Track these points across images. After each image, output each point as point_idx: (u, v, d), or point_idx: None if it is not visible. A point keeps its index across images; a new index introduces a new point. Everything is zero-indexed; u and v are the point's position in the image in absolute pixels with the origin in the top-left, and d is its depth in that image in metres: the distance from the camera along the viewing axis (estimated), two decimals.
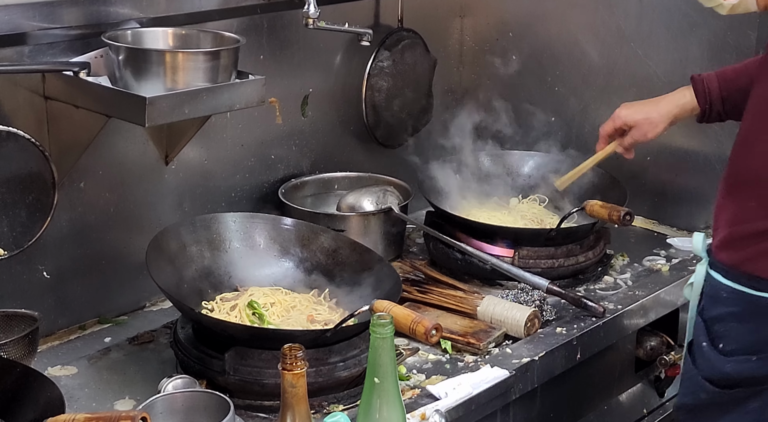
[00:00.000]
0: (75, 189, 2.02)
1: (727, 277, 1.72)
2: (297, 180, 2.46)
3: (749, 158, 1.68)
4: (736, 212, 1.69)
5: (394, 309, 1.66)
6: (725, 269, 1.72)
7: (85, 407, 1.80)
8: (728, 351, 1.70)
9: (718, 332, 1.72)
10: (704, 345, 1.75)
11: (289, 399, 1.41)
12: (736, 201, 1.69)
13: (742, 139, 1.72)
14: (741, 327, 1.68)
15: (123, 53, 1.82)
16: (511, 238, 2.33)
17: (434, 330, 1.64)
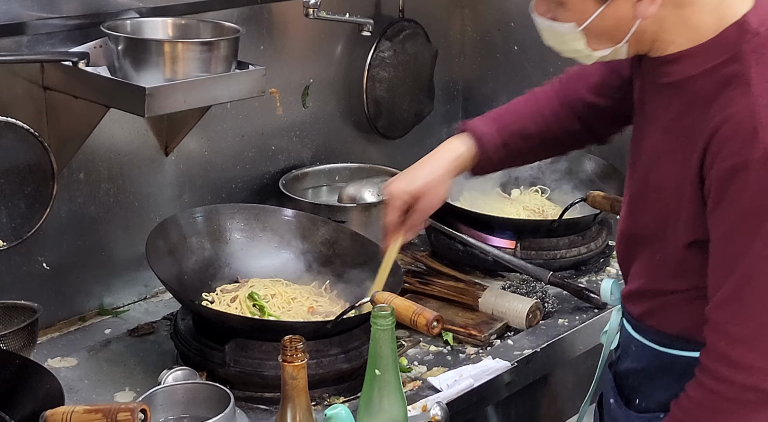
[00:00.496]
0: (74, 180, 2.01)
1: (636, 329, 1.60)
2: (298, 171, 2.45)
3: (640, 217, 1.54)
4: (639, 266, 1.57)
5: (395, 301, 1.66)
6: (633, 320, 1.61)
7: (85, 399, 1.80)
8: (642, 407, 1.58)
9: (632, 387, 1.61)
10: (612, 402, 1.63)
11: (290, 390, 1.40)
12: (638, 256, 1.56)
13: (630, 199, 1.57)
14: (651, 383, 1.56)
15: (122, 43, 1.81)
16: (513, 229, 2.32)
17: (435, 321, 1.63)
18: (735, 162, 1.31)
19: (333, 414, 1.42)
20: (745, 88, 1.33)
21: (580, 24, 1.40)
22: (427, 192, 1.76)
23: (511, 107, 1.80)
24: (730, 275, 1.35)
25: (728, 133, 1.32)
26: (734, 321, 1.35)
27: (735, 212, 1.33)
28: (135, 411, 1.33)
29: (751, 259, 1.32)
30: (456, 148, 1.77)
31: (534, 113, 1.77)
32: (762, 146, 1.29)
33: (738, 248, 1.34)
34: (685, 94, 1.41)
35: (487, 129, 1.76)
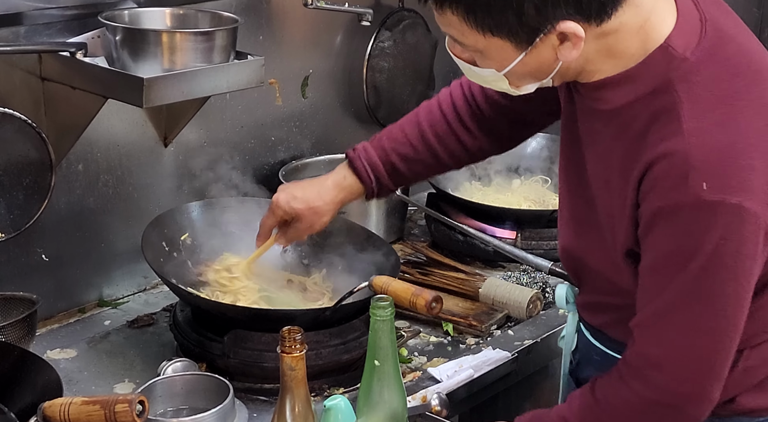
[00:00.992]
0: (73, 171, 2.01)
1: (596, 338, 1.61)
2: (298, 162, 2.44)
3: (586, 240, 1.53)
4: (589, 282, 1.57)
5: (393, 284, 1.65)
6: (592, 329, 1.61)
7: (84, 390, 1.80)
8: None
9: None
10: None
11: (289, 382, 1.39)
12: (587, 274, 1.56)
13: (572, 220, 1.55)
14: None
15: (120, 33, 1.80)
16: (514, 219, 2.32)
17: (434, 301, 1.63)
18: (664, 205, 1.30)
19: (332, 405, 1.42)
20: (677, 125, 1.29)
21: (500, 70, 1.35)
22: (305, 216, 1.80)
23: (398, 129, 1.79)
24: (652, 301, 1.36)
25: (660, 173, 1.30)
26: (651, 345, 1.37)
27: (661, 249, 1.33)
28: (133, 403, 1.32)
29: (673, 292, 1.33)
30: (344, 177, 1.79)
31: (418, 134, 1.75)
32: (692, 191, 1.27)
33: (661, 281, 1.35)
34: (617, 123, 1.37)
35: (371, 158, 1.77)
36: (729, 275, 1.31)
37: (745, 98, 1.30)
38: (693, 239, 1.29)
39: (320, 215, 1.80)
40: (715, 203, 1.27)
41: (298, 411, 1.39)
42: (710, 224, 1.28)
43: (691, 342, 1.35)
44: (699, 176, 1.27)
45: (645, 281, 1.38)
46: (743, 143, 1.28)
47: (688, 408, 1.38)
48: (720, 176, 1.27)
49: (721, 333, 1.34)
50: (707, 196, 1.26)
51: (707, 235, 1.28)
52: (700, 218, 1.28)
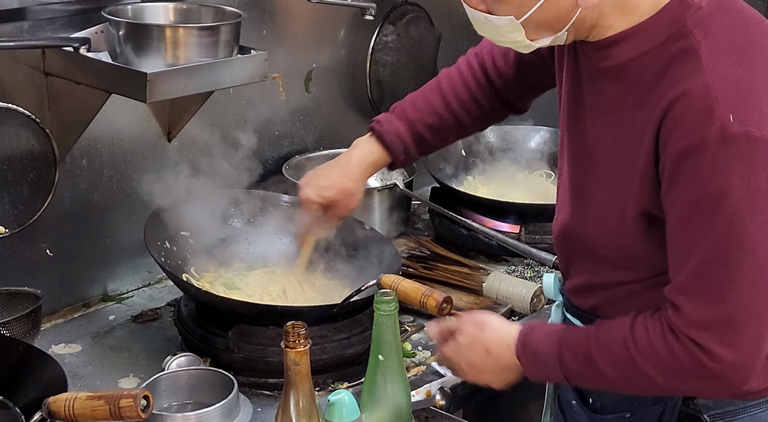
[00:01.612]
0: (77, 166, 2.01)
1: (585, 322, 1.54)
2: (301, 157, 2.44)
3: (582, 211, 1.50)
4: (582, 261, 1.53)
5: (403, 283, 1.65)
6: (582, 313, 1.56)
7: (89, 385, 1.80)
8: (599, 407, 1.54)
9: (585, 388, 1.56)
10: (573, 404, 1.58)
11: (293, 376, 1.39)
12: (580, 252, 1.53)
13: (568, 193, 1.52)
14: None
15: (123, 28, 1.80)
16: (517, 213, 2.31)
17: (445, 302, 1.63)
18: (690, 142, 1.27)
19: (336, 400, 1.42)
20: (696, 63, 1.28)
21: (519, 17, 1.34)
22: (340, 201, 1.78)
23: (421, 99, 1.79)
24: (689, 259, 1.31)
25: (682, 111, 1.27)
26: (694, 307, 1.32)
27: (691, 193, 1.29)
28: (137, 398, 1.33)
29: (711, 243, 1.29)
30: (371, 151, 1.78)
31: (442, 102, 1.76)
32: (718, 124, 1.25)
33: (696, 231, 1.29)
34: (627, 79, 1.36)
35: (398, 129, 1.76)
36: (764, 216, 1.26)
37: (759, 44, 1.32)
38: (722, 177, 1.26)
39: (353, 195, 1.79)
40: (740, 136, 1.24)
41: (303, 406, 1.40)
42: (739, 159, 1.25)
43: (736, 299, 1.29)
44: (725, 108, 1.25)
45: (675, 239, 1.33)
46: (760, 82, 1.28)
47: (734, 377, 1.33)
48: (744, 110, 1.25)
49: (766, 285, 1.29)
50: (734, 128, 1.24)
51: (734, 171, 1.25)
52: (727, 152, 1.25)
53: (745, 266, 1.28)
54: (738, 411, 1.45)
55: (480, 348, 1.52)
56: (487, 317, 1.55)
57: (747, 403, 1.45)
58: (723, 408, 1.45)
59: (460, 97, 1.76)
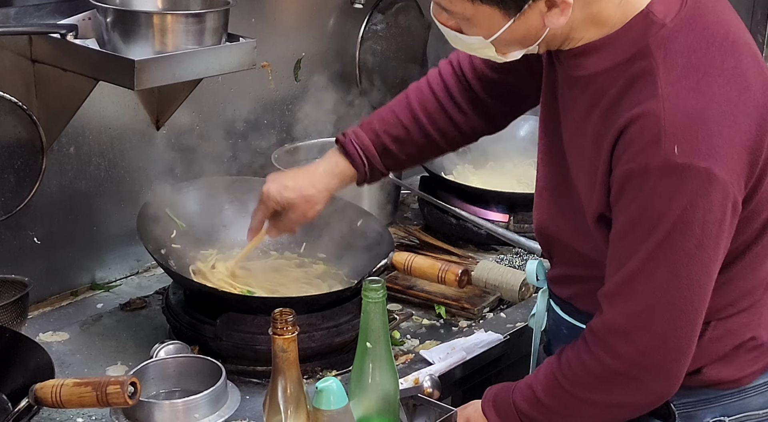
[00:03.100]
0: (64, 154, 2.00)
1: (565, 311, 1.60)
2: (290, 145, 2.44)
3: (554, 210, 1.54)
4: (559, 255, 1.57)
5: (417, 259, 1.66)
6: (561, 302, 1.61)
7: (76, 373, 1.79)
8: None
9: None
10: None
11: (280, 363, 1.40)
12: (557, 246, 1.57)
13: (543, 191, 1.56)
14: None
15: (111, 15, 1.79)
16: (506, 203, 2.32)
17: (463, 274, 1.66)
18: (635, 167, 1.30)
19: (324, 387, 1.42)
20: (652, 88, 1.30)
21: (487, 38, 1.36)
22: (298, 206, 1.76)
23: (388, 111, 1.76)
24: (619, 269, 1.36)
25: (633, 135, 1.30)
26: (617, 314, 1.37)
27: (631, 213, 1.33)
28: (125, 384, 1.33)
29: (639, 259, 1.33)
30: (336, 163, 1.76)
31: (409, 114, 1.73)
32: (662, 154, 1.27)
33: (629, 247, 1.35)
34: (593, 91, 1.38)
35: (363, 141, 1.74)
36: (695, 244, 1.30)
37: (719, 67, 1.31)
38: (660, 203, 1.30)
39: (313, 204, 1.76)
40: (683, 167, 1.27)
41: (290, 393, 1.40)
42: (678, 189, 1.28)
43: (655, 313, 1.34)
44: (671, 139, 1.27)
45: (613, 249, 1.38)
46: (715, 110, 1.29)
47: (650, 382, 1.38)
48: (690, 141, 1.27)
49: (686, 305, 1.34)
50: (677, 159, 1.27)
51: (674, 200, 1.29)
52: (668, 181, 1.28)
53: (667, 285, 1.33)
54: (710, 399, 1.48)
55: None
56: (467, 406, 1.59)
57: (719, 392, 1.47)
58: (695, 397, 1.47)
59: (428, 109, 1.73)
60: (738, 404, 1.48)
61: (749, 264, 1.43)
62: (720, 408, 1.49)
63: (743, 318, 1.46)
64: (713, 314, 1.43)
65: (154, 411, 1.53)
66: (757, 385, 1.49)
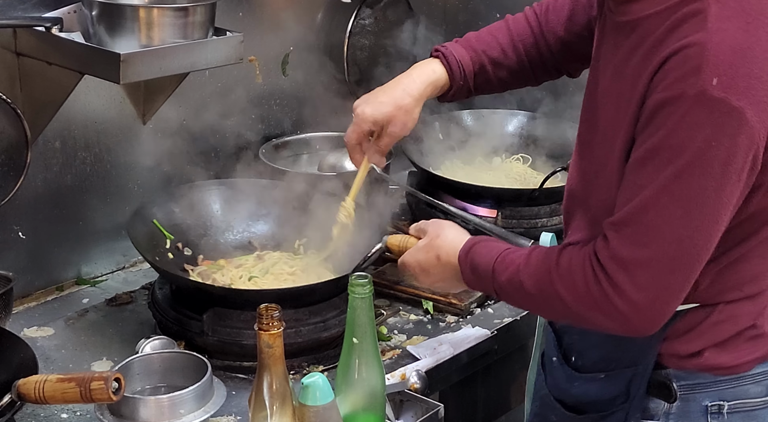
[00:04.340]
0: (50, 148, 1.99)
1: None
2: (278, 140, 2.43)
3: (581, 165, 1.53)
4: (579, 220, 1.55)
5: (411, 240, 1.65)
6: None
7: (61, 368, 1.79)
8: (579, 365, 1.57)
9: (568, 344, 1.59)
10: (554, 360, 1.61)
11: (266, 359, 1.39)
12: (578, 210, 1.55)
13: (576, 149, 1.56)
14: (586, 340, 1.55)
15: (96, 8, 1.78)
16: (494, 198, 2.31)
17: None
18: (669, 94, 1.29)
19: (310, 383, 1.41)
20: (701, 23, 1.30)
21: None
22: (395, 118, 1.71)
23: (487, 34, 1.78)
24: (632, 199, 1.34)
25: (675, 64, 1.30)
26: (622, 244, 1.35)
27: (655, 141, 1.31)
28: (109, 380, 1.32)
29: (654, 189, 1.32)
30: (433, 71, 1.73)
31: (509, 41, 1.76)
32: (700, 84, 1.27)
33: (646, 175, 1.33)
34: (638, 34, 1.38)
35: (463, 56, 1.75)
36: (712, 183, 1.29)
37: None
38: (684, 133, 1.28)
39: (411, 112, 1.72)
40: (718, 100, 1.26)
41: (276, 389, 1.39)
42: (707, 121, 1.27)
43: (660, 249, 1.33)
44: (712, 70, 1.27)
45: (628, 178, 1.36)
46: (760, 54, 1.29)
47: (633, 317, 1.36)
48: (731, 76, 1.27)
49: (691, 247, 1.33)
50: (713, 91, 1.26)
51: (700, 132, 1.27)
52: (698, 112, 1.27)
53: (677, 221, 1.32)
54: (708, 384, 1.48)
55: (432, 252, 1.59)
56: (446, 225, 1.62)
57: (717, 378, 1.48)
58: (693, 380, 1.48)
59: (525, 41, 1.76)
60: (735, 391, 1.48)
61: (760, 246, 1.43)
62: (717, 393, 1.48)
63: (747, 306, 1.46)
64: (721, 295, 1.43)
65: (140, 407, 1.53)
66: (755, 374, 1.48)
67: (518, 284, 1.47)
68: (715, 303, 1.44)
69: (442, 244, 1.58)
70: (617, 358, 1.51)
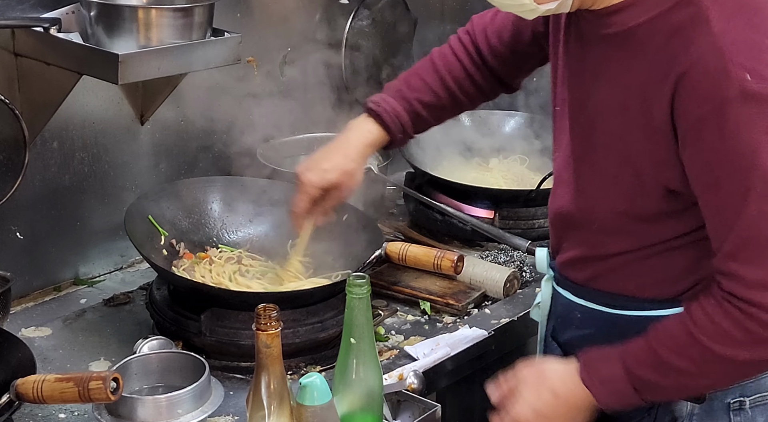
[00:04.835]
0: (48, 149, 1.99)
1: (579, 295, 1.56)
2: (275, 141, 2.43)
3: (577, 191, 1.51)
4: (575, 235, 1.53)
5: (411, 248, 1.66)
6: (575, 286, 1.57)
7: (59, 368, 1.79)
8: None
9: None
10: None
11: (264, 359, 1.39)
12: (574, 227, 1.53)
13: (560, 164, 1.55)
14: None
15: (95, 9, 1.78)
16: (491, 199, 2.32)
17: (459, 261, 1.68)
18: (711, 106, 1.26)
19: (308, 383, 1.42)
20: (705, 28, 1.28)
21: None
22: (342, 184, 1.76)
23: (416, 77, 1.78)
24: (732, 224, 1.29)
25: (698, 77, 1.27)
26: (749, 269, 1.30)
27: (721, 156, 1.28)
28: (107, 380, 1.32)
29: (750, 202, 1.27)
30: (369, 131, 1.76)
31: (437, 80, 1.76)
32: (736, 84, 1.25)
33: (733, 193, 1.28)
34: (633, 44, 1.36)
35: (396, 109, 1.75)
36: None
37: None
38: (746, 135, 1.25)
39: (354, 175, 1.76)
40: (758, 93, 1.25)
41: (274, 389, 1.39)
42: (758, 115, 1.25)
43: None
44: (740, 67, 1.25)
45: (710, 203, 1.32)
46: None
47: None
48: (759, 68, 1.25)
49: None
50: (752, 86, 1.24)
51: (760, 126, 1.25)
52: (747, 110, 1.25)
53: None
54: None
55: (546, 394, 1.45)
56: (541, 363, 1.52)
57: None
58: None
59: (455, 75, 1.76)
60: (756, 385, 1.47)
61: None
62: (739, 389, 1.47)
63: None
64: None
65: (137, 407, 1.52)
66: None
67: (664, 366, 1.37)
68: None
69: (554, 379, 1.46)
70: None
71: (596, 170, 1.46)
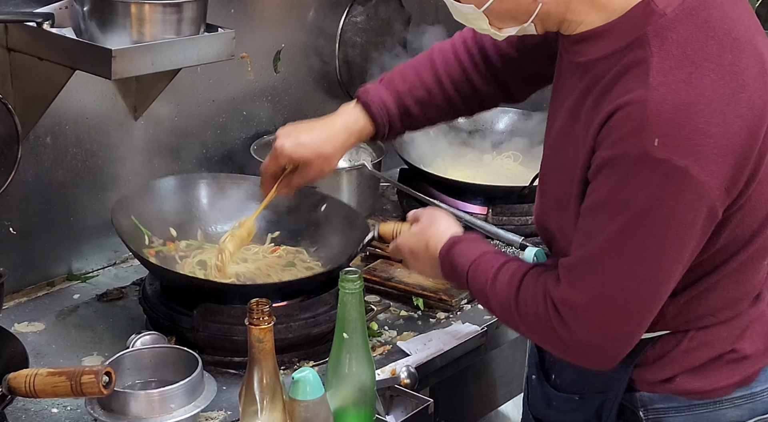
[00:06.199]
0: (41, 144, 1.99)
1: None
2: (269, 137, 2.42)
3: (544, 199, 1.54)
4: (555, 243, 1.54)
5: (404, 227, 1.67)
6: None
7: (52, 363, 1.79)
8: (557, 384, 1.58)
9: (550, 362, 1.61)
10: (533, 378, 1.64)
11: (257, 354, 1.39)
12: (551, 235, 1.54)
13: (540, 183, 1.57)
14: (563, 360, 1.51)
15: (88, 4, 1.78)
16: (485, 195, 2.32)
17: None
18: (613, 153, 1.29)
19: (300, 378, 1.42)
20: (644, 77, 1.28)
21: (479, 6, 1.37)
22: (312, 163, 1.72)
23: (412, 71, 1.74)
24: (583, 246, 1.37)
25: (618, 122, 1.29)
26: (571, 288, 1.38)
27: (601, 194, 1.33)
28: (99, 374, 1.32)
29: (601, 241, 1.33)
30: (356, 120, 1.72)
31: (434, 78, 1.72)
32: (641, 145, 1.26)
33: (595, 226, 1.35)
34: (590, 77, 1.37)
35: (386, 100, 1.71)
36: (655, 240, 1.29)
37: (715, 61, 1.28)
38: (627, 191, 1.29)
39: (329, 161, 1.72)
40: (660, 161, 1.26)
41: (266, 383, 1.40)
42: (648, 181, 1.27)
43: (606, 298, 1.35)
44: (653, 130, 1.26)
45: (582, 223, 1.38)
46: (704, 106, 1.26)
47: (586, 354, 1.39)
48: (673, 135, 1.25)
49: (638, 298, 1.34)
50: (655, 153, 1.26)
51: (642, 191, 1.28)
52: (640, 172, 1.27)
53: (621, 274, 1.33)
54: (682, 408, 1.47)
55: (423, 240, 1.61)
56: (440, 215, 1.64)
57: (692, 401, 1.47)
58: (667, 404, 1.47)
59: (452, 74, 1.72)
60: (711, 415, 1.47)
61: (733, 274, 1.41)
62: (693, 417, 1.47)
63: (722, 331, 1.45)
64: (693, 322, 1.43)
65: (130, 401, 1.53)
66: (734, 398, 1.47)
67: (486, 300, 1.51)
68: (686, 330, 1.43)
69: (433, 233, 1.60)
70: (590, 382, 1.52)
71: (552, 189, 1.49)
